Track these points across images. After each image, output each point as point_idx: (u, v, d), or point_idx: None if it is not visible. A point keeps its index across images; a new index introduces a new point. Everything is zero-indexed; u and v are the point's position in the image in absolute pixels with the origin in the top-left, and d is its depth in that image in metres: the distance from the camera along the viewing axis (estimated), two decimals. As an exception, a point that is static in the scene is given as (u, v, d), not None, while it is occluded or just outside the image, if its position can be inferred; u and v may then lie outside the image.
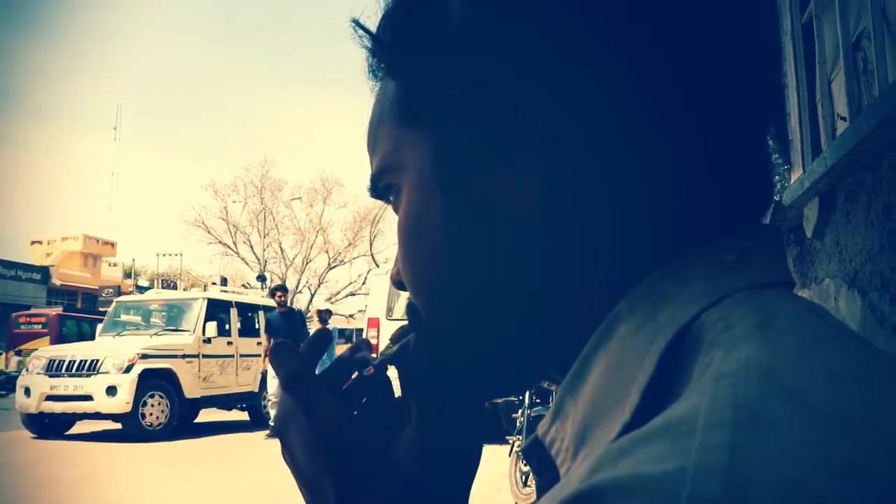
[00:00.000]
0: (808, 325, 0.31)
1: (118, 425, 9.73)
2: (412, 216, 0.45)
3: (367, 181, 0.49)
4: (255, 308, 12.49)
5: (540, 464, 0.39)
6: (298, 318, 9.50)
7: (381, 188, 0.48)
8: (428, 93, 0.42)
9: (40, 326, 21.16)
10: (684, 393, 0.29)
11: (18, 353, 19.84)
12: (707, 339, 0.32)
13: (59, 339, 18.64)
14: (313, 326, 9.96)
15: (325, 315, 10.23)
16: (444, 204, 0.43)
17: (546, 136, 0.39)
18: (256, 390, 12.04)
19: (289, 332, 9.14)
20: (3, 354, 21.22)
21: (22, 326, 21.57)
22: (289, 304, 9.47)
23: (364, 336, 9.86)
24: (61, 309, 25.59)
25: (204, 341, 10.74)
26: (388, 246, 41.01)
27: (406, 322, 0.51)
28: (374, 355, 0.54)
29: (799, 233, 1.79)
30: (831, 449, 0.23)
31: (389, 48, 0.44)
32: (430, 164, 0.43)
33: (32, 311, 24.61)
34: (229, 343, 11.38)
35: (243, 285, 29.59)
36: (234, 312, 11.70)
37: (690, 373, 0.31)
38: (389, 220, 0.53)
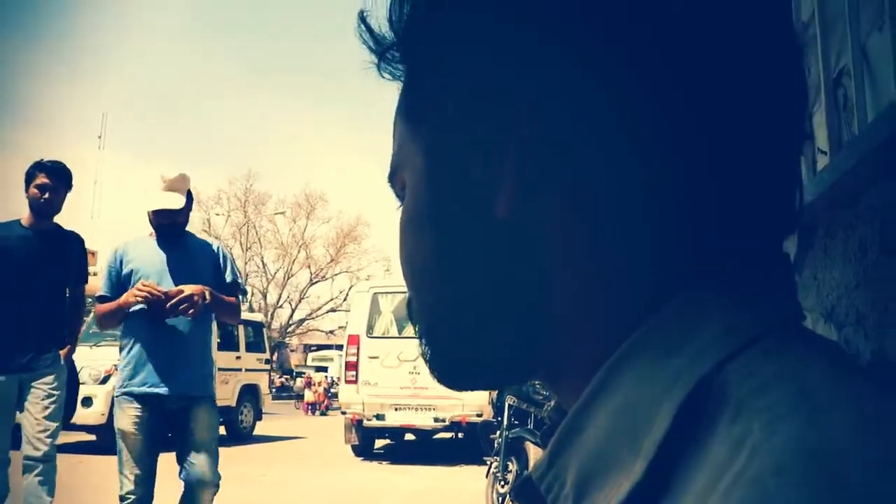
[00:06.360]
0: (847, 390, 0.29)
1: (93, 437, 9.59)
2: (405, 215, 0.44)
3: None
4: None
5: None
6: (72, 244, 4.53)
7: (396, 189, 0.47)
8: (426, 89, 0.41)
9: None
10: (715, 465, 0.28)
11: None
12: (734, 399, 0.29)
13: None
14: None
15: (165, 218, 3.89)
16: (430, 205, 0.42)
17: (536, 151, 0.37)
18: (234, 405, 11.96)
19: (34, 260, 4.15)
20: None
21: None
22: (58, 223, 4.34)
23: (345, 352, 9.74)
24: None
25: (182, 354, 10.56)
26: (370, 263, 40.77)
27: (385, 340, 0.50)
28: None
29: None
30: None
31: (397, 42, 0.43)
32: (423, 162, 0.42)
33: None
34: (208, 356, 11.22)
35: (224, 298, 29.24)
36: (213, 325, 11.51)
37: (711, 432, 0.29)
38: (367, 237, 0.52)
